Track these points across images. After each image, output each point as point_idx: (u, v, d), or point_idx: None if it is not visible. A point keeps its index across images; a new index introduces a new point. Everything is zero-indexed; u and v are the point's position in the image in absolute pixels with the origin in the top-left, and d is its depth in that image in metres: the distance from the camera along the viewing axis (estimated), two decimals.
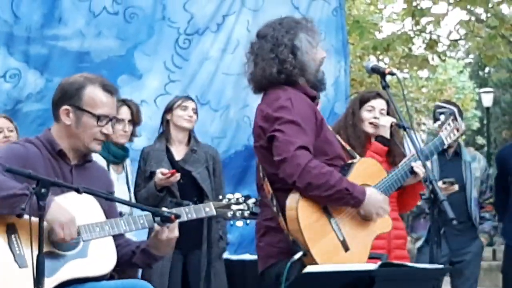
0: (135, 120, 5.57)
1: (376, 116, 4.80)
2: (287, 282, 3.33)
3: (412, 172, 3.99)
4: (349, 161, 3.78)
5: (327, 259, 3.40)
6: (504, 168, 6.30)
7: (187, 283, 5.79)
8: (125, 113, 5.46)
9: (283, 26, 3.72)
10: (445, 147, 4.51)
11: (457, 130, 4.41)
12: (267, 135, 3.57)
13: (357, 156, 4.03)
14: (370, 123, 4.81)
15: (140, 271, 5.45)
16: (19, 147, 3.33)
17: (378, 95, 4.87)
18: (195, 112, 5.85)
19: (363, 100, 4.92)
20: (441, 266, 3.49)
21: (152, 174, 5.61)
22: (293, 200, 3.49)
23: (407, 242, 5.16)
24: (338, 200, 3.51)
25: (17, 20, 6.62)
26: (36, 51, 6.69)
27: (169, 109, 5.87)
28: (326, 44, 3.95)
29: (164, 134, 5.87)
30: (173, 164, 5.71)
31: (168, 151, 5.79)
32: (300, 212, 3.46)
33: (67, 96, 3.39)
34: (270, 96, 3.68)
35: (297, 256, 3.38)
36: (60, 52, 6.74)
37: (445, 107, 4.55)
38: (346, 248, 3.55)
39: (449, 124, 4.39)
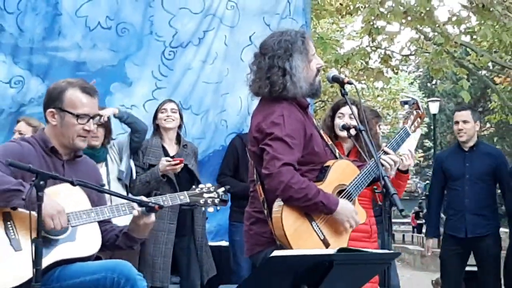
0: (106, 126, 5.49)
1: (345, 121, 4.77)
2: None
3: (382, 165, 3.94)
4: (326, 165, 3.74)
5: None
6: (441, 168, 6.32)
7: (177, 264, 5.81)
8: None
9: (281, 46, 3.66)
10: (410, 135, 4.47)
11: (420, 117, 4.35)
12: (260, 145, 3.58)
13: (337, 151, 3.98)
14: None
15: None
16: (15, 145, 3.35)
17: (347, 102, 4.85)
18: (175, 111, 5.87)
19: (335, 108, 4.91)
20: (391, 251, 3.47)
21: (151, 166, 5.64)
22: (278, 208, 3.51)
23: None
24: (314, 210, 3.54)
25: (22, 33, 6.58)
26: (38, 60, 6.65)
27: (155, 115, 5.96)
28: (301, 34, 3.87)
29: (158, 134, 5.88)
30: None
31: (162, 148, 5.82)
32: (285, 220, 3.48)
33: (51, 100, 3.41)
34: (267, 108, 3.66)
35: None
36: (60, 62, 6.70)
37: (408, 97, 4.50)
38: (327, 245, 3.57)
39: (412, 114, 4.31)
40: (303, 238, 3.51)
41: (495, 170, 6.01)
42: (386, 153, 3.97)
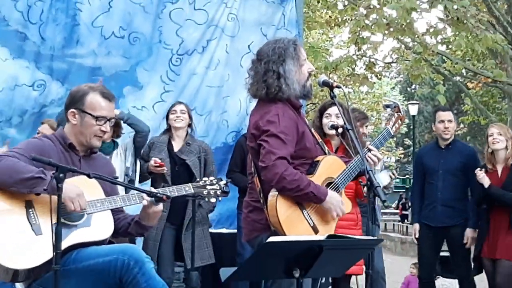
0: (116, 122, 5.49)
1: (332, 121, 4.77)
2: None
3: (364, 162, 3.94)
4: (316, 159, 3.74)
5: None
6: (421, 163, 6.31)
7: (181, 251, 5.74)
8: None
9: (275, 52, 3.67)
10: (392, 135, 4.46)
11: (401, 119, 4.34)
12: (257, 141, 3.59)
13: (326, 148, 3.99)
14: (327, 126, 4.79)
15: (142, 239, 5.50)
16: (37, 141, 3.36)
17: (333, 104, 4.85)
18: (183, 112, 5.85)
19: (322, 110, 4.91)
20: (375, 237, 3.48)
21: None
22: (273, 197, 3.52)
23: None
24: (305, 199, 3.55)
25: (43, 42, 6.58)
26: (58, 66, 6.65)
27: (167, 116, 5.93)
28: (294, 42, 3.88)
29: (168, 131, 5.86)
30: (171, 154, 5.74)
31: (169, 143, 5.79)
32: (279, 208, 3.49)
33: (74, 101, 3.40)
34: (263, 108, 3.67)
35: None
36: (77, 67, 6.70)
37: (390, 101, 4.50)
38: (316, 231, 3.58)
39: (394, 116, 4.31)
40: (294, 225, 3.52)
41: (466, 167, 5.99)
42: (370, 150, 3.96)
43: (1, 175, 3.06)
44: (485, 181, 5.60)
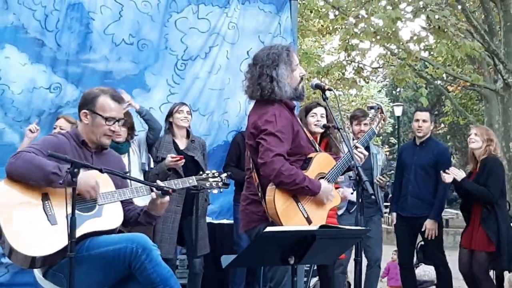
0: (130, 124, 5.46)
1: (318, 119, 4.79)
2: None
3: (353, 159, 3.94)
4: (309, 156, 3.76)
5: None
6: (400, 159, 6.36)
7: (183, 238, 5.79)
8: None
9: (269, 57, 3.68)
10: (376, 134, 4.48)
11: (384, 120, 4.40)
12: (256, 139, 3.60)
13: (317, 146, 4.01)
14: (315, 125, 4.80)
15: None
16: (53, 138, 3.37)
17: (318, 104, 4.88)
18: (189, 113, 5.85)
19: (307, 110, 4.92)
20: (362, 228, 3.48)
21: (163, 159, 5.58)
22: (271, 191, 3.53)
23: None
24: (301, 192, 3.57)
25: (59, 48, 6.56)
26: (73, 70, 6.63)
27: (170, 114, 5.91)
28: (287, 48, 3.89)
29: (170, 131, 5.82)
30: (179, 152, 5.72)
31: (173, 142, 5.77)
32: (276, 201, 3.51)
33: (86, 103, 3.41)
34: (261, 109, 3.68)
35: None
36: (91, 71, 6.68)
37: (374, 103, 4.51)
38: (310, 222, 3.59)
39: (377, 116, 4.36)
40: (290, 216, 3.53)
41: (437, 164, 6.01)
42: (357, 147, 3.97)
43: (21, 169, 3.07)
44: (459, 175, 5.61)
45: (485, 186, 5.64)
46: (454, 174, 5.62)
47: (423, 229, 5.93)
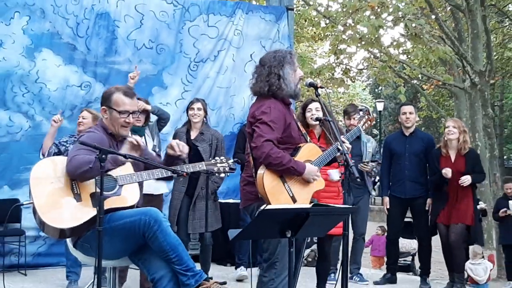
0: (147, 113, 5.40)
1: (313, 113, 4.74)
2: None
3: (338, 150, 3.91)
4: (298, 146, 3.72)
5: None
6: (388, 148, 6.25)
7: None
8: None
9: (276, 59, 3.66)
10: (362, 132, 4.44)
11: (370, 120, 4.38)
12: (252, 127, 3.58)
13: (308, 138, 3.97)
14: (311, 118, 4.75)
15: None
16: (95, 134, 3.32)
17: (312, 100, 4.83)
18: (200, 109, 5.69)
19: (304, 106, 4.87)
20: (349, 206, 3.46)
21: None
22: (261, 172, 3.49)
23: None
24: (288, 172, 3.52)
25: (89, 51, 6.56)
26: (101, 71, 6.63)
27: (187, 110, 5.76)
28: (290, 54, 3.87)
29: (188, 123, 5.71)
30: (188, 142, 5.54)
31: (188, 133, 5.63)
32: (265, 180, 3.46)
33: (104, 100, 3.38)
34: (260, 102, 3.65)
35: (263, 207, 3.34)
36: (116, 72, 6.67)
37: (364, 106, 4.51)
38: (294, 201, 3.55)
39: (364, 117, 4.35)
40: (277, 195, 3.49)
41: (426, 150, 5.98)
42: (343, 142, 3.93)
43: (71, 170, 3.08)
44: (469, 180, 5.66)
45: (474, 172, 5.73)
46: (468, 180, 5.64)
47: (426, 208, 5.90)
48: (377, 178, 6.92)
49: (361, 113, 4.43)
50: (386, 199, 6.13)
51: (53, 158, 3.35)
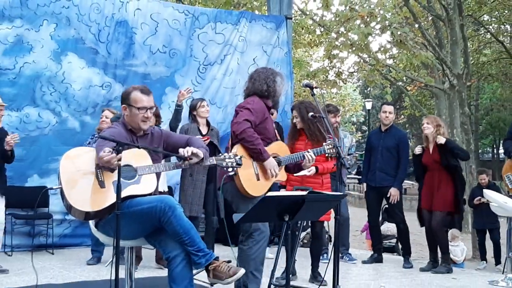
0: (157, 113, 5.38)
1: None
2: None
3: (303, 157, 3.87)
4: (270, 141, 3.84)
5: (247, 180, 3.63)
6: (368, 142, 6.29)
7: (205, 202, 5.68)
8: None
9: (268, 70, 3.93)
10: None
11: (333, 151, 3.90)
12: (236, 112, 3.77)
13: (279, 138, 4.02)
14: (312, 116, 4.69)
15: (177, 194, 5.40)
16: (115, 129, 3.30)
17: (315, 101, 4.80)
18: (208, 106, 5.76)
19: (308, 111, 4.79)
20: (341, 193, 3.48)
21: None
22: (235, 147, 3.65)
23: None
24: (254, 153, 3.65)
25: (109, 55, 6.57)
26: (120, 72, 6.63)
27: (193, 108, 5.70)
28: (281, 73, 4.06)
29: (194, 120, 5.69)
30: (203, 136, 5.59)
31: (198, 129, 5.64)
32: (238, 152, 3.56)
33: (123, 99, 3.36)
34: (247, 98, 3.84)
35: (231, 173, 3.58)
36: (133, 74, 6.68)
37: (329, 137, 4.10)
38: (258, 179, 3.67)
39: (330, 149, 3.84)
40: (245, 168, 3.58)
41: (398, 146, 5.99)
42: (308, 152, 3.91)
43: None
44: (442, 139, 5.61)
45: (457, 154, 5.67)
46: (441, 140, 5.58)
47: (388, 195, 5.92)
48: (354, 170, 6.94)
49: (329, 141, 3.90)
50: (364, 185, 6.24)
51: (80, 148, 3.36)
